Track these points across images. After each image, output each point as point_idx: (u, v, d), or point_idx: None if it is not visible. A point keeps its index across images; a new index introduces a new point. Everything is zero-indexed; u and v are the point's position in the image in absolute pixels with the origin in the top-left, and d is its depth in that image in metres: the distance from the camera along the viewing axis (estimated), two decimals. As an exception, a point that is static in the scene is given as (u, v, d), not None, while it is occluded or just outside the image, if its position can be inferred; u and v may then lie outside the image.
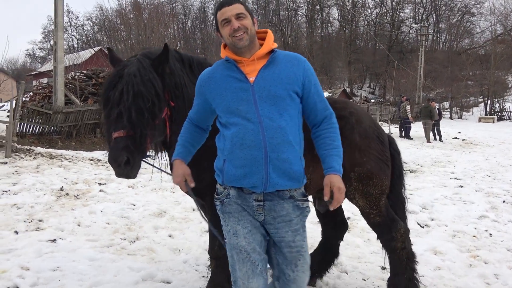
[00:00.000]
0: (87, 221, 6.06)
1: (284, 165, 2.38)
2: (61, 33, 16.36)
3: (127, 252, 4.94)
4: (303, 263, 2.50)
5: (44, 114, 14.96)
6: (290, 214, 2.46)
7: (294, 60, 2.51)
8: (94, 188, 8.12)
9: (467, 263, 4.91)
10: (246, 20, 2.44)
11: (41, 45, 74.47)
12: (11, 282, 3.95)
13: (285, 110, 2.41)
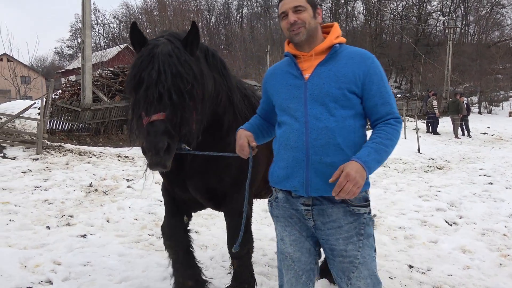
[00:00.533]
0: (116, 216, 6.18)
1: (328, 169, 2.20)
2: (89, 31, 16.65)
3: (155, 247, 5.03)
4: (359, 276, 2.27)
5: (73, 111, 15.29)
6: (340, 220, 2.27)
7: (357, 57, 2.32)
8: (122, 184, 8.28)
9: (497, 262, 4.82)
10: (304, 13, 2.31)
11: (69, 43, 75.91)
12: (44, 276, 4.08)
13: (337, 111, 2.25)
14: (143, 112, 2.46)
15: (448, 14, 52.46)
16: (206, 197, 3.33)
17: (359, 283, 2.26)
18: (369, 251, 2.28)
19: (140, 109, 2.49)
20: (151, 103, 2.43)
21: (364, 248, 2.27)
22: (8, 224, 5.60)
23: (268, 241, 5.23)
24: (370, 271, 2.27)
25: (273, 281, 4.18)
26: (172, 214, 3.54)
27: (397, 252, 5.08)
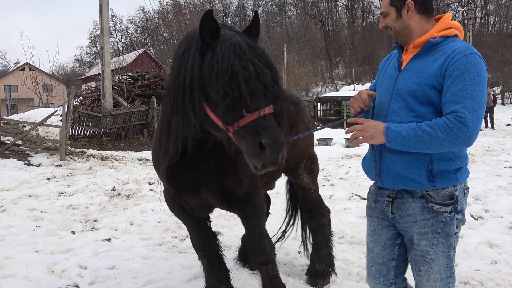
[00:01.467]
0: (139, 220, 6.25)
1: (399, 164, 2.24)
2: (107, 37, 16.88)
3: (178, 250, 5.06)
4: (428, 271, 2.30)
5: (94, 117, 15.52)
6: (416, 215, 2.28)
7: (450, 51, 2.17)
8: (144, 187, 8.36)
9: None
10: (387, 18, 2.34)
11: (88, 50, 77.15)
12: (71, 280, 4.14)
13: (417, 107, 2.21)
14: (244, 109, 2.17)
15: (467, 5, 51.48)
16: (221, 197, 3.18)
17: (427, 276, 2.31)
18: (444, 249, 2.27)
19: (244, 104, 2.17)
20: (258, 96, 2.20)
21: (438, 245, 2.26)
22: (35, 230, 5.72)
23: (291, 240, 5.20)
24: (441, 267, 2.28)
25: (297, 279, 4.16)
26: (196, 227, 3.46)
27: (422, 248, 5.00)
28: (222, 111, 2.22)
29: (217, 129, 2.37)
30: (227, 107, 2.20)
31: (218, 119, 2.29)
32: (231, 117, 2.20)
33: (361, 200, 7.21)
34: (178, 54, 2.51)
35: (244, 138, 2.18)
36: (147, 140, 17.01)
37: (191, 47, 2.41)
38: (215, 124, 2.34)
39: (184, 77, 2.38)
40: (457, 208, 2.25)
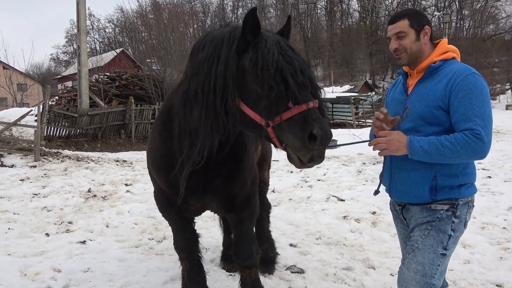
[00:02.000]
0: (115, 222, 6.16)
1: (405, 180, 2.47)
2: (84, 37, 16.64)
3: (155, 252, 5.01)
4: (411, 260, 2.41)
5: (70, 117, 15.30)
6: (417, 214, 2.50)
7: (451, 73, 2.34)
8: (121, 189, 8.27)
9: (498, 256, 4.79)
10: (406, 39, 2.43)
11: (64, 49, 76.00)
12: (45, 284, 4.06)
13: (424, 127, 2.38)
14: (290, 102, 2.15)
15: (443, 9, 52.52)
16: (225, 202, 3.17)
17: (409, 265, 2.39)
18: (432, 242, 2.36)
19: (292, 97, 2.16)
20: (305, 89, 2.21)
21: (428, 237, 2.38)
22: (7, 232, 5.58)
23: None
24: (426, 259, 2.35)
25: (275, 280, 4.17)
26: (184, 228, 3.41)
27: (397, 248, 5.01)
28: (266, 104, 2.18)
29: (253, 126, 2.32)
30: (272, 100, 2.17)
31: (256, 114, 2.25)
32: (274, 110, 2.17)
33: (338, 201, 7.27)
34: (202, 58, 2.42)
35: (290, 131, 2.14)
36: (124, 141, 16.84)
37: (220, 48, 2.36)
38: (251, 120, 2.30)
39: (215, 79, 2.33)
40: (456, 212, 2.38)
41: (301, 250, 4.99)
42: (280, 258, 4.70)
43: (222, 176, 2.92)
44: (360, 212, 6.51)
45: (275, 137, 2.21)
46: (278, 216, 6.32)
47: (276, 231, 5.64)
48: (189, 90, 2.46)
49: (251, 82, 2.23)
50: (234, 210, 3.24)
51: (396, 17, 2.50)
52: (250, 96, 2.27)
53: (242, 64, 2.29)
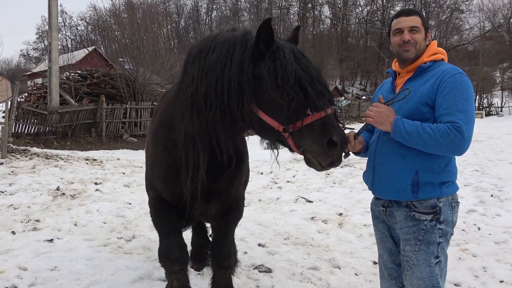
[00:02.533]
0: (84, 220, 6.05)
1: (388, 175, 2.46)
2: (55, 33, 16.27)
3: (124, 251, 4.94)
4: (412, 277, 2.42)
5: (39, 114, 14.92)
6: (402, 222, 2.47)
7: (439, 73, 2.40)
8: (90, 187, 8.11)
9: (456, 256, 4.90)
10: (418, 34, 2.46)
11: (35, 46, 74.03)
12: (10, 282, 3.94)
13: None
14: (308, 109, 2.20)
15: (410, 19, 53.66)
16: (224, 205, 3.12)
17: (411, 281, 2.44)
18: (425, 256, 2.39)
19: (312, 104, 2.21)
20: (323, 97, 2.26)
21: (420, 252, 2.40)
22: (-29, 230, 5.40)
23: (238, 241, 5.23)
24: (424, 274, 2.39)
25: (243, 279, 4.18)
26: (178, 235, 3.20)
27: (362, 249, 5.16)
28: (286, 113, 2.20)
29: (269, 131, 2.35)
30: (292, 109, 2.20)
31: (274, 121, 2.28)
32: (295, 118, 2.21)
33: (307, 202, 7.34)
34: (214, 59, 2.38)
35: (309, 137, 2.20)
36: (95, 140, 16.53)
37: (233, 52, 2.35)
38: (268, 126, 2.32)
39: (229, 82, 2.31)
40: (440, 218, 2.39)
41: (269, 250, 5.01)
42: (249, 258, 4.73)
43: (228, 177, 2.87)
44: (327, 214, 6.59)
45: (292, 142, 2.27)
46: (247, 216, 6.33)
47: (245, 231, 5.66)
48: (198, 92, 2.40)
49: (270, 91, 2.25)
50: (224, 214, 3.20)
51: (411, 11, 2.52)
52: (267, 103, 2.29)
53: (258, 73, 2.30)
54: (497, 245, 5.27)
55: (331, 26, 64.71)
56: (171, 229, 3.16)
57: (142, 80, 20.11)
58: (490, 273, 4.44)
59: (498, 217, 6.41)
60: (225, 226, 3.30)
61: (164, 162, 2.89)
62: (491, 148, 15.59)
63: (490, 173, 10.22)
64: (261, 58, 2.31)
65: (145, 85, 20.10)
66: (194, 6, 70.89)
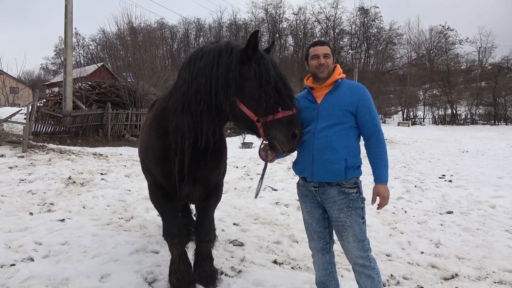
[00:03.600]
0: (91, 204, 5.87)
1: (326, 164, 2.53)
2: (70, 51, 15.78)
3: (124, 228, 4.82)
4: (348, 235, 2.57)
5: (55, 117, 14.45)
6: (335, 197, 2.57)
7: (353, 88, 2.61)
8: (97, 177, 7.89)
9: (388, 233, 5.00)
10: (329, 59, 2.64)
11: (53, 61, 71.29)
12: (27, 254, 3.80)
13: (337, 125, 2.54)
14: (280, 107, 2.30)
15: (355, 48, 54.71)
16: (206, 189, 3.06)
17: (348, 239, 2.58)
18: (356, 218, 2.56)
19: (283, 103, 2.32)
20: (291, 99, 2.39)
21: (352, 216, 2.56)
22: (-5, 211, 5.16)
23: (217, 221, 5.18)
24: (356, 231, 2.56)
25: (220, 251, 4.14)
26: (175, 215, 3.19)
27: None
28: (264, 106, 2.29)
29: (244, 120, 2.39)
30: (269, 104, 2.28)
31: (251, 112, 2.33)
32: (268, 112, 2.29)
33: (273, 191, 7.34)
34: (202, 64, 2.45)
35: (277, 129, 2.30)
36: (102, 138, 16.11)
37: (219, 58, 2.41)
38: (244, 116, 2.37)
39: (217, 81, 2.37)
40: (360, 190, 2.62)
41: (242, 228, 4.99)
42: (225, 234, 4.68)
43: (208, 165, 2.87)
44: (289, 199, 6.61)
45: (263, 131, 2.33)
46: (225, 201, 6.28)
47: (223, 213, 5.61)
48: (189, 91, 2.46)
49: (254, 88, 2.32)
50: (206, 196, 3.16)
51: (323, 42, 2.72)
52: (248, 98, 2.34)
53: (244, 73, 2.36)
54: (419, 225, 5.39)
55: (293, 52, 65.06)
56: (170, 213, 3.16)
57: (142, 90, 19.71)
58: (413, 246, 4.54)
59: (420, 203, 6.57)
60: (207, 207, 3.25)
61: (156, 145, 2.86)
62: (415, 149, 15.98)
63: (414, 169, 10.46)
64: (246, 61, 2.38)
65: (144, 94, 19.71)
66: (185, 32, 70.08)
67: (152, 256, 3.93)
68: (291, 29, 64.18)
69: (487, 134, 26.75)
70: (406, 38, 57.65)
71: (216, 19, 69.44)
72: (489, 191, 7.33)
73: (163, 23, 63.35)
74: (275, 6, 63.93)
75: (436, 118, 44.11)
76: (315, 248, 2.81)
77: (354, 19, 61.72)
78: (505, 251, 4.38)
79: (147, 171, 3.15)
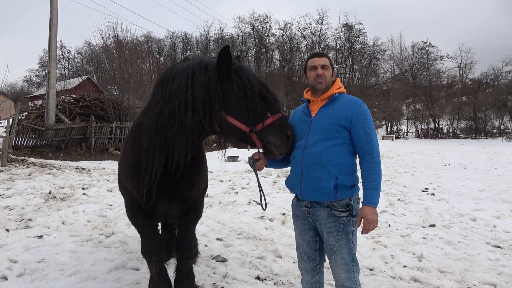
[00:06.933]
0: (71, 219, 5.72)
1: (314, 181, 2.44)
2: (54, 63, 15.62)
3: (104, 245, 4.69)
4: (336, 258, 2.51)
5: (37, 130, 14.18)
6: (325, 219, 2.49)
7: (349, 102, 2.52)
8: (78, 192, 7.71)
9: (371, 247, 5.00)
10: (327, 71, 2.58)
11: (37, 73, 70.47)
12: (0, 273, 3.65)
13: (328, 140, 2.45)
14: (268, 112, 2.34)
15: (340, 63, 55.69)
16: (184, 207, 2.99)
17: (336, 262, 2.53)
18: (345, 242, 2.48)
19: (271, 108, 2.36)
20: (277, 102, 2.41)
21: (341, 240, 2.48)
22: (-31, 228, 4.97)
23: (200, 236, 5.10)
24: (345, 254, 2.49)
25: (203, 267, 4.06)
26: (153, 232, 3.10)
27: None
28: (252, 116, 2.29)
29: (238, 132, 2.37)
30: (257, 112, 2.30)
31: (242, 124, 2.33)
32: (258, 119, 2.30)
33: (257, 205, 7.29)
34: (175, 87, 2.37)
35: (271, 133, 2.32)
36: (85, 152, 15.85)
37: (195, 78, 2.37)
38: (236, 128, 2.35)
39: (194, 101, 2.33)
40: (353, 213, 2.48)
41: (226, 243, 4.92)
42: (208, 250, 4.61)
43: (186, 181, 2.78)
44: (273, 214, 6.57)
45: (257, 139, 2.33)
46: (209, 216, 6.21)
47: (206, 228, 5.54)
48: (162, 113, 2.39)
49: (240, 100, 2.30)
50: (185, 213, 3.09)
51: (322, 54, 2.66)
52: (236, 110, 2.33)
53: (226, 87, 2.34)
54: (402, 238, 5.41)
55: (280, 67, 65.77)
56: (147, 230, 3.07)
57: (127, 104, 19.56)
58: (396, 260, 4.54)
59: (403, 216, 6.61)
60: (186, 224, 3.19)
61: (130, 161, 2.79)
62: (399, 163, 16.18)
63: (398, 182, 10.57)
64: (226, 75, 2.36)
65: (129, 108, 19.55)
66: (172, 46, 70.20)
67: (132, 273, 3.83)
68: (278, 44, 64.99)
69: (469, 147, 27.34)
70: (389, 53, 59.06)
71: (203, 33, 69.72)
72: (470, 204, 7.44)
73: (150, 36, 63.48)
74: (261, 22, 64.84)
75: (419, 132, 44.95)
76: (304, 269, 2.73)
77: (339, 35, 63.00)
78: (486, 264, 4.42)
79: (122, 187, 3.09)
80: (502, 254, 4.76)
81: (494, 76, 45.74)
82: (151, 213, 2.88)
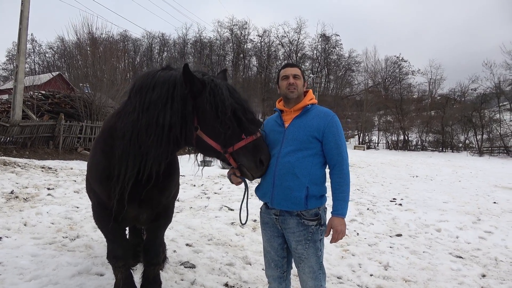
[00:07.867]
0: (33, 221, 5.49)
1: (286, 191, 2.46)
2: (23, 58, 15.05)
3: (67, 248, 4.52)
4: (304, 267, 2.55)
5: (1, 126, 13.55)
6: (294, 228, 2.53)
7: (321, 114, 2.57)
8: (43, 192, 7.42)
9: (340, 255, 5.06)
10: (299, 81, 2.63)
11: (4, 66, 67.43)
12: (-48, 277, 3.44)
13: (301, 151, 2.48)
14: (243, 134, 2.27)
15: (316, 73, 56.61)
16: (153, 212, 2.92)
17: (304, 270, 2.57)
18: (313, 251, 2.53)
19: (245, 130, 2.28)
20: (253, 124, 2.32)
21: (309, 249, 2.53)
22: None
23: (169, 242, 5.00)
24: (313, 262, 2.54)
25: (170, 273, 3.98)
26: (121, 237, 3.02)
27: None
28: (224, 137, 2.25)
29: (212, 151, 2.34)
30: (229, 135, 2.25)
31: (216, 143, 2.29)
32: (230, 141, 2.27)
33: (229, 210, 7.25)
34: (155, 96, 2.29)
35: (244, 155, 2.29)
36: (52, 151, 15.29)
37: (174, 91, 2.29)
38: (211, 147, 2.31)
39: (171, 116, 2.26)
40: (321, 222, 2.55)
41: (195, 249, 4.85)
42: (177, 256, 4.53)
43: (157, 187, 2.69)
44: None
45: (232, 159, 2.31)
46: (179, 221, 6.12)
47: (176, 233, 5.45)
48: (139, 121, 2.30)
49: (212, 120, 2.25)
50: (156, 219, 3.01)
51: (294, 64, 2.73)
52: (210, 130, 2.29)
53: (201, 106, 2.28)
54: (370, 247, 5.51)
55: (257, 73, 66.15)
56: (115, 234, 2.98)
57: (99, 103, 19.06)
58: (363, 269, 4.62)
59: (371, 225, 6.74)
60: (155, 229, 3.12)
61: (100, 164, 2.69)
62: (369, 173, 16.53)
63: (367, 192, 10.78)
64: (201, 92, 2.29)
65: (101, 107, 19.06)
66: (148, 46, 69.18)
67: (96, 279, 3.70)
68: (255, 50, 65.41)
69: (436, 160, 28.34)
70: (363, 66, 60.69)
71: (181, 35, 69.26)
72: (435, 215, 7.69)
73: (126, 35, 62.35)
74: (240, 27, 65.07)
75: (390, 143, 46.20)
76: (271, 276, 2.75)
77: (316, 45, 64.09)
78: (448, 274, 4.57)
79: (90, 190, 3.00)
80: (464, 265, 4.94)
81: (461, 92, 47.75)
82: (119, 217, 2.79)
